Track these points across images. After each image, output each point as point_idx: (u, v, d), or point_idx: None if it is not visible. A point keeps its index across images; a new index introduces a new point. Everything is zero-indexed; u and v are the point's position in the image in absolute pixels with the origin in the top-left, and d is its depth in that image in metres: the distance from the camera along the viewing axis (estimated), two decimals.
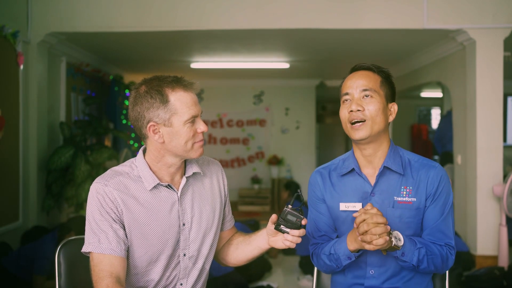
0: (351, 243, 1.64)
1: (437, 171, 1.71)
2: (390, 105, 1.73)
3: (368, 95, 1.68)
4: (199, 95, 8.98)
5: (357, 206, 1.70)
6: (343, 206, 1.73)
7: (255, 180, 8.97)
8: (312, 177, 1.84)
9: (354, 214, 1.58)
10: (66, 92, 5.55)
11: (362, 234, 1.54)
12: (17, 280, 3.71)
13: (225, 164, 9.08)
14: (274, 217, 1.61)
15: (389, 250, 1.61)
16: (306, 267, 4.68)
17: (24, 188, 4.63)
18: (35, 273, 3.68)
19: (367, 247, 1.54)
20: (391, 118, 1.74)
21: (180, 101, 1.56)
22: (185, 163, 1.69)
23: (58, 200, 5.00)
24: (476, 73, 4.66)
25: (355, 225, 1.57)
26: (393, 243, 1.56)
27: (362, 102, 1.68)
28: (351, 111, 1.68)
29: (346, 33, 5.02)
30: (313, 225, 1.82)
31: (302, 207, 1.59)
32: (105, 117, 6.89)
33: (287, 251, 5.35)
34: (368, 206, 1.56)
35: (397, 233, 1.59)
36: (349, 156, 1.79)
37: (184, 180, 1.65)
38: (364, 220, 1.53)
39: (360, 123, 1.67)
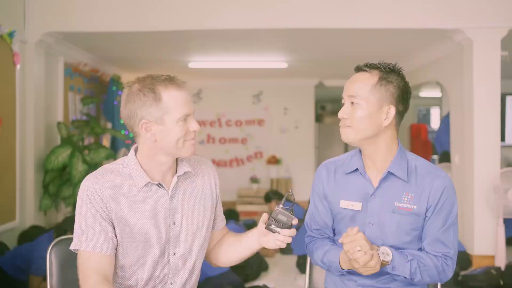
0: (344, 263, 1.64)
1: (441, 181, 1.66)
2: (386, 108, 1.63)
3: (354, 102, 1.66)
4: (198, 95, 8.97)
5: (357, 205, 1.69)
6: (343, 203, 1.72)
7: (254, 180, 8.96)
8: (318, 170, 1.82)
9: (340, 240, 1.58)
10: (64, 91, 5.54)
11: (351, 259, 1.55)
12: (13, 280, 3.71)
13: (223, 164, 9.08)
14: (265, 216, 1.60)
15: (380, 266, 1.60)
16: (303, 267, 4.67)
17: (21, 187, 4.62)
18: (32, 274, 3.68)
19: (360, 271, 1.55)
20: (386, 122, 1.64)
21: (173, 100, 1.56)
22: (177, 162, 1.68)
23: (55, 200, 5.00)
24: (473, 73, 4.65)
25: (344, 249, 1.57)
26: (381, 259, 1.56)
27: (350, 108, 1.67)
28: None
29: (344, 33, 5.02)
30: (311, 217, 1.82)
31: (293, 207, 1.58)
32: (103, 116, 6.89)
33: (284, 251, 5.34)
34: (350, 231, 1.55)
35: (384, 248, 1.59)
36: (355, 153, 1.77)
37: (175, 179, 1.64)
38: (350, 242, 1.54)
39: (345, 128, 1.67)
